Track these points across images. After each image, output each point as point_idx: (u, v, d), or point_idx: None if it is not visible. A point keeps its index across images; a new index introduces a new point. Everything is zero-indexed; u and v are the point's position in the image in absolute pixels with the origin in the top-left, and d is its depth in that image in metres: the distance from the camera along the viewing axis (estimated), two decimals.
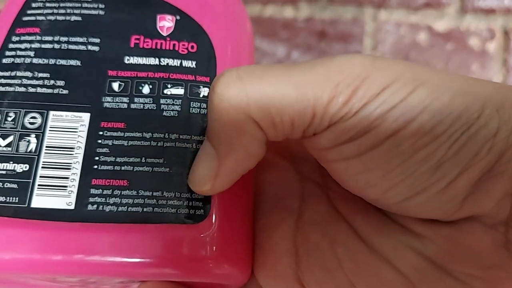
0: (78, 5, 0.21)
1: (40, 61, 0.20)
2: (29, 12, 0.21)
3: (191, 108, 0.19)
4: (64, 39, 0.20)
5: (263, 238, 0.20)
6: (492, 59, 0.66)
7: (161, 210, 0.18)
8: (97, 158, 0.18)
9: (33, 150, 0.18)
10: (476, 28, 0.66)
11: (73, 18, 0.21)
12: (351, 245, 0.19)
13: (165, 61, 0.20)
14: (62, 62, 0.20)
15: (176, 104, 0.19)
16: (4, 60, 0.20)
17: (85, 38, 0.20)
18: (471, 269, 0.17)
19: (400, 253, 0.18)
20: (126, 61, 0.20)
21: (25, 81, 0.19)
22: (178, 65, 0.20)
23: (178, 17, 0.21)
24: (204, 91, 0.20)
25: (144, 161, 0.18)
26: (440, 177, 0.16)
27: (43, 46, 0.20)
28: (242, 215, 0.19)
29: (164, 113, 0.19)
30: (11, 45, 0.20)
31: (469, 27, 0.66)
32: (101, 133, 0.19)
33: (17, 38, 0.20)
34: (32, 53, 0.20)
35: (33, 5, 0.21)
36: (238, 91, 0.16)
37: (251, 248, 0.20)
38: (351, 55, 0.17)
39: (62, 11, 0.21)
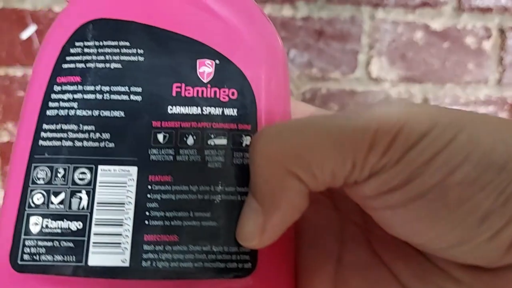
0: (117, 50, 0.20)
1: (84, 112, 0.19)
2: (68, 58, 0.20)
3: (234, 159, 0.19)
4: (106, 88, 0.20)
5: (304, 281, 0.21)
6: (488, 57, 0.67)
7: (210, 265, 0.18)
8: (147, 213, 0.18)
9: (85, 207, 0.18)
10: (473, 27, 0.67)
11: (113, 65, 0.20)
12: None
13: (207, 110, 0.20)
14: (106, 113, 0.19)
15: (220, 155, 0.19)
16: (48, 112, 0.19)
17: (127, 87, 0.20)
18: None
19: None
20: (169, 111, 0.20)
21: (71, 135, 0.19)
22: (220, 113, 0.20)
23: (217, 61, 0.20)
24: (246, 140, 0.20)
25: (192, 215, 0.19)
26: (487, 228, 0.16)
27: (86, 96, 0.20)
28: (286, 262, 0.20)
29: (209, 165, 0.19)
30: (53, 96, 0.20)
31: (465, 26, 0.67)
32: (149, 187, 0.19)
33: (59, 88, 0.20)
34: (75, 104, 0.19)
35: (72, 51, 0.20)
36: (278, 147, 0.17)
37: None
38: (387, 103, 0.17)
39: (101, 57, 0.20)
